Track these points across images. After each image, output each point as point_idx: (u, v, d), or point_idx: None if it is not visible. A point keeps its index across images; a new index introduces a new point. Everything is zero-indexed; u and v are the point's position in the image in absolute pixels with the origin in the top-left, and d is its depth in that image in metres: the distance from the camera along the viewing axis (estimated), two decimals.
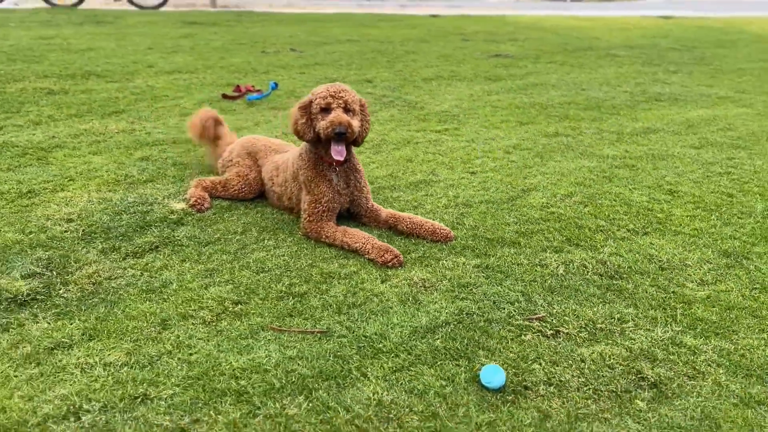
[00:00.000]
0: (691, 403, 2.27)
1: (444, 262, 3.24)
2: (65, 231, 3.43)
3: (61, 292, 2.86)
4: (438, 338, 2.60)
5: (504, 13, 16.84)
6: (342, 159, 3.39)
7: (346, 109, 3.34)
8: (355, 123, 3.35)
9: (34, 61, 7.62)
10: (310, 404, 2.21)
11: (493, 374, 2.31)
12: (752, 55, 11.16)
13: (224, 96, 6.46)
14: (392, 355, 2.49)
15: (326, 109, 3.33)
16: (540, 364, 2.46)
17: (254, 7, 14.91)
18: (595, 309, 2.86)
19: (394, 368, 2.41)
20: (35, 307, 2.74)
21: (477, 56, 9.53)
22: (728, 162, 5.06)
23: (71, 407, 2.16)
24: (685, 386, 2.37)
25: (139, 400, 2.21)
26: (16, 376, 2.32)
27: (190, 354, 2.46)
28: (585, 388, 2.33)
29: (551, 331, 2.68)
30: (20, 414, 2.13)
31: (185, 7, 16.15)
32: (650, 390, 2.34)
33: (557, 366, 2.45)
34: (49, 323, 2.63)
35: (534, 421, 2.17)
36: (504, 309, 2.84)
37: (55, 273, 3.00)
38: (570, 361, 2.48)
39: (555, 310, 2.83)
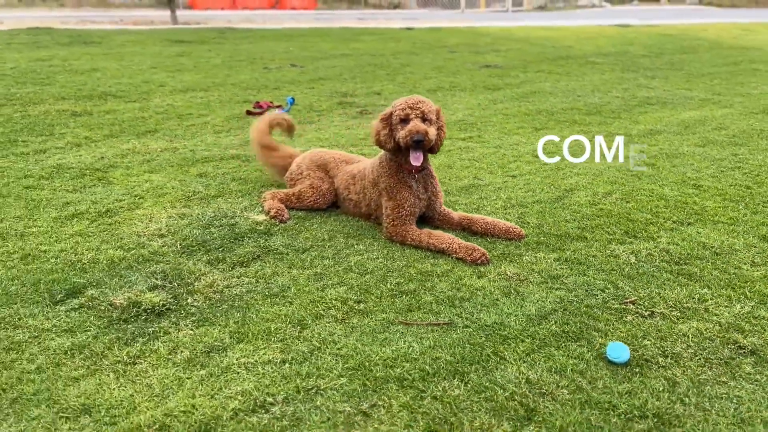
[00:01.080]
0: None
1: (526, 257, 3.52)
2: (163, 246, 3.57)
3: (189, 301, 3.02)
4: (552, 324, 2.87)
5: (457, 25, 17.35)
6: (419, 165, 3.67)
7: (423, 119, 3.60)
8: (432, 131, 3.61)
9: (44, 83, 7.62)
10: (468, 386, 2.45)
11: (620, 350, 2.59)
12: (714, 59, 11.88)
13: (248, 113, 6.61)
14: (518, 340, 2.75)
15: (405, 120, 3.60)
16: (649, 340, 2.76)
17: (215, 24, 14.97)
18: (675, 291, 3.18)
19: (526, 351, 2.67)
20: (172, 316, 2.90)
21: (468, 67, 9.90)
22: (734, 158, 5.50)
23: (256, 401, 2.35)
24: None
25: (314, 391, 2.41)
26: (189, 378, 2.48)
27: (338, 349, 2.66)
28: (696, 358, 2.64)
29: (647, 312, 2.98)
30: (211, 410, 2.30)
31: (144, 24, 16.07)
32: (751, 356, 2.66)
33: (665, 341, 2.75)
34: (193, 330, 2.79)
35: (666, 387, 2.46)
36: (598, 296, 3.13)
37: (176, 284, 3.16)
38: (675, 336, 2.79)
39: (642, 294, 3.14)
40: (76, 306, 2.94)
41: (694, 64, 11.17)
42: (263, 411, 2.30)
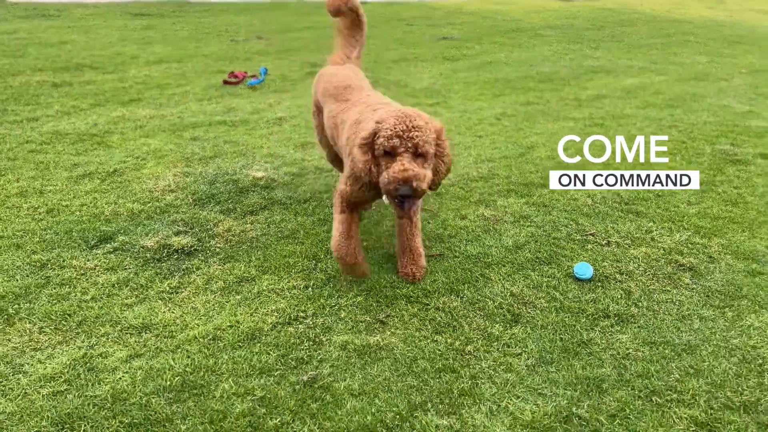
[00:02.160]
0: (718, 277, 3.17)
1: (499, 202, 4.00)
2: (175, 200, 3.89)
3: (213, 243, 3.38)
4: (527, 252, 3.37)
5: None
6: (410, 215, 3.03)
7: (416, 153, 2.62)
8: (427, 174, 2.64)
9: (17, 56, 7.63)
10: (463, 299, 2.92)
11: (585, 269, 3.11)
12: (651, 32, 12.58)
13: (225, 82, 6.86)
14: (500, 265, 3.23)
15: (391, 153, 2.63)
16: (607, 262, 3.28)
17: None
18: (627, 225, 3.72)
19: (508, 273, 3.16)
20: (200, 255, 3.26)
21: (427, 39, 10.29)
22: (671, 118, 6.11)
23: (290, 316, 2.76)
24: (709, 267, 3.26)
25: (337, 307, 2.84)
26: (227, 302, 2.87)
27: (350, 277, 3.08)
28: (646, 274, 3.18)
29: (604, 241, 3.51)
30: (253, 324, 2.70)
31: None
32: (689, 271, 3.22)
33: (620, 262, 3.28)
34: (221, 266, 3.16)
35: (623, 295, 2.99)
36: (562, 230, 3.64)
37: (197, 230, 3.50)
38: (628, 259, 3.32)
39: (599, 228, 3.67)
40: (111, 249, 3.26)
41: (633, 36, 11.84)
42: (297, 323, 2.72)
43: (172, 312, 2.77)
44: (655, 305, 2.93)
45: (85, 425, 2.13)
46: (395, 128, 2.61)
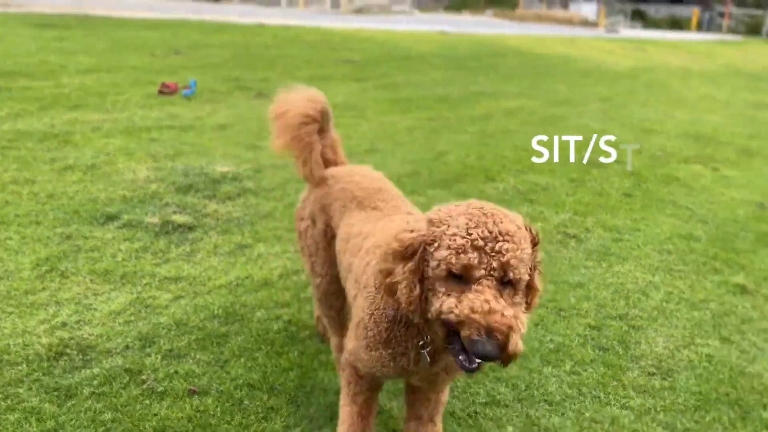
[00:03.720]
0: (593, 242, 4.26)
1: (429, 192, 4.90)
2: (159, 188, 4.42)
3: (207, 221, 3.98)
4: None
5: (280, 21, 18.48)
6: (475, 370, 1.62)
7: (504, 281, 1.57)
8: (521, 318, 1.56)
9: None
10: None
11: None
12: (521, 65, 14.29)
13: (160, 92, 7.28)
14: None
15: (459, 277, 1.57)
16: None
17: (40, 9, 14.52)
18: (525, 208, 4.75)
19: None
20: (200, 229, 3.85)
21: (332, 61, 11.13)
22: (545, 134, 7.39)
23: (291, 270, 3.46)
24: (587, 235, 4.35)
25: None
26: (237, 261, 3.51)
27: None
28: (544, 241, 4.19)
29: None
30: (263, 275, 3.37)
31: None
32: (573, 239, 4.29)
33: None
34: (222, 237, 3.78)
35: None
36: None
37: (189, 211, 4.08)
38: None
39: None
40: (121, 225, 3.77)
41: (506, 66, 13.44)
42: (300, 274, 3.43)
43: (195, 269, 3.37)
44: (554, 260, 3.94)
45: (162, 340, 2.72)
46: (471, 235, 1.55)
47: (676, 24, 35.18)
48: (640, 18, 35.91)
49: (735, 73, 16.64)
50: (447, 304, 1.55)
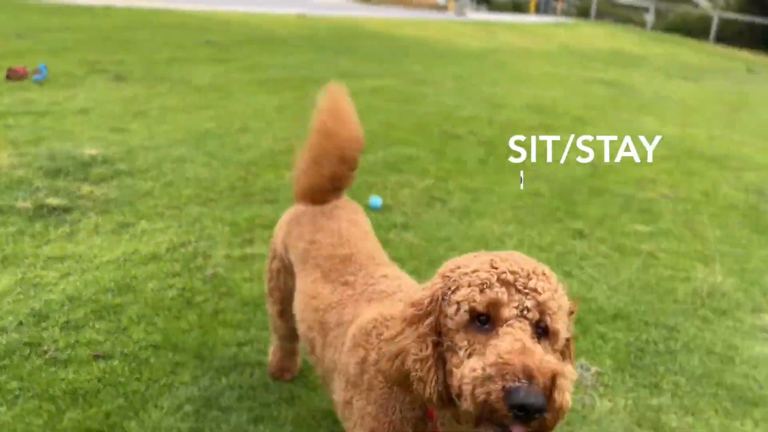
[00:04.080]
0: (456, 203, 4.73)
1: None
2: (27, 174, 4.26)
3: (83, 202, 3.93)
4: None
5: (150, 5, 17.75)
6: None
7: (539, 326, 1.28)
8: (565, 370, 1.20)
9: None
10: None
11: (376, 201, 4.41)
12: (379, 47, 14.77)
13: (8, 77, 6.80)
14: None
15: (485, 321, 1.26)
16: (389, 198, 4.64)
17: None
18: (395, 177, 5.14)
19: None
20: (77, 211, 3.81)
21: (192, 43, 10.88)
22: (407, 109, 7.85)
23: (177, 242, 3.55)
24: (450, 198, 4.83)
25: (209, 235, 3.70)
26: (122, 238, 3.54)
27: (213, 213, 3.93)
28: (413, 203, 4.60)
29: (383, 186, 4.87)
30: (151, 250, 3.44)
31: None
32: (438, 201, 4.74)
33: (396, 197, 4.66)
34: (101, 216, 3.77)
35: (402, 214, 4.35)
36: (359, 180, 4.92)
37: (63, 193, 3.99)
38: (401, 196, 4.72)
39: (378, 179, 5.02)
40: None
41: (365, 48, 13.85)
42: (186, 246, 3.54)
43: (79, 247, 3.36)
44: (423, 219, 4.35)
45: (57, 314, 2.75)
46: (497, 268, 1.30)
47: (518, 7, 37.80)
48: (485, 2, 38.16)
49: (570, 53, 18.38)
50: (470, 363, 1.21)
